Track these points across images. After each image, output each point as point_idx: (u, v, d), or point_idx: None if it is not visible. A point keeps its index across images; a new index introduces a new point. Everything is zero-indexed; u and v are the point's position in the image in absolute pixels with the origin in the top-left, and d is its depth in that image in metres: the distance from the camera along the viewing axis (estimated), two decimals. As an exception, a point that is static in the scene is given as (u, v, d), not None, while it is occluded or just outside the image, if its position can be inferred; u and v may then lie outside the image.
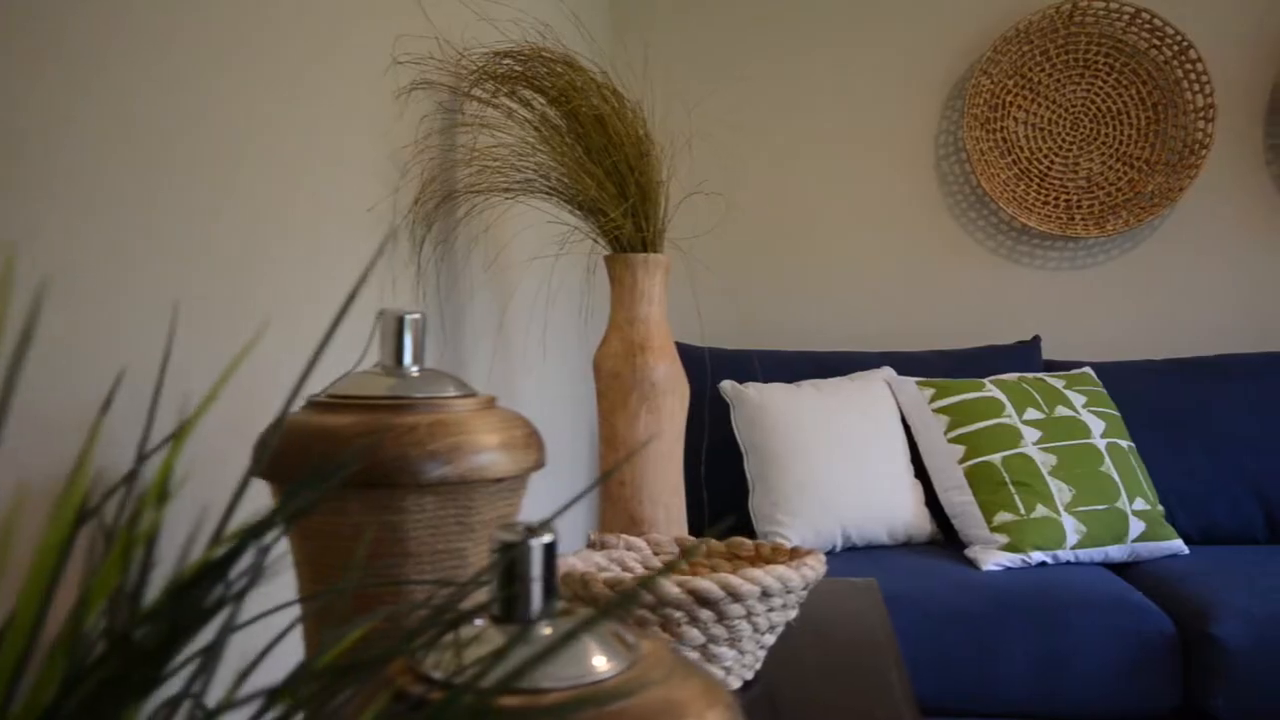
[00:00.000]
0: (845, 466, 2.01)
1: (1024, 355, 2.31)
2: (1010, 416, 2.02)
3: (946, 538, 2.07)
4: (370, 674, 0.31)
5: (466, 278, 1.35)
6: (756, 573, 0.91)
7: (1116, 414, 2.10)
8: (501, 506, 0.58)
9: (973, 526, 1.94)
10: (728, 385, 2.11)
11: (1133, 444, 2.07)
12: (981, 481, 1.96)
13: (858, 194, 2.57)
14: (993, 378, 2.12)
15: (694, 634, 0.91)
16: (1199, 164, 2.38)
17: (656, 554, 1.14)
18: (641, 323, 1.23)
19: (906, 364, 2.30)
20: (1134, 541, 1.93)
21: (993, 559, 1.86)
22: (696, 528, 2.22)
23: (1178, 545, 1.97)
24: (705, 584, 0.89)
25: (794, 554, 1.07)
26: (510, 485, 0.58)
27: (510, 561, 0.37)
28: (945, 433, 2.04)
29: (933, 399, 2.08)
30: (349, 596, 0.56)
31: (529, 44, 1.29)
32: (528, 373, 1.55)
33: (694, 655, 0.92)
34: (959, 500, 1.98)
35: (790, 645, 1.08)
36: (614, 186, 1.22)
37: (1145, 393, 2.21)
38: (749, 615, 0.92)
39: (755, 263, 2.60)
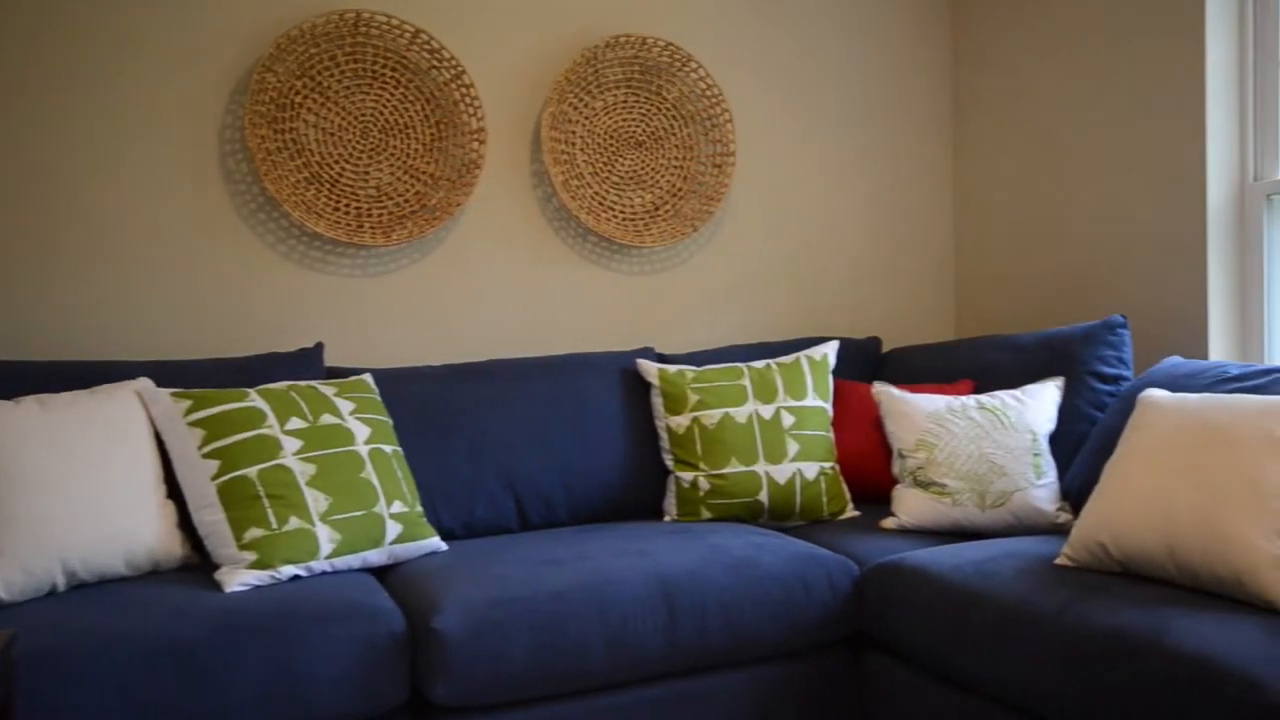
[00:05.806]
0: (74, 492, 1.75)
1: (306, 362, 2.26)
2: (271, 427, 1.93)
3: (205, 561, 1.92)
4: None
5: None
6: None
7: (386, 420, 2.13)
8: None
9: (223, 546, 1.82)
10: (-83, 404, 1.72)
11: (399, 449, 2.12)
12: (235, 498, 1.84)
13: (121, 185, 2.29)
14: (259, 387, 2.02)
15: None
16: (474, 182, 2.54)
17: None
18: None
19: (178, 374, 2.11)
20: (392, 544, 1.97)
21: (239, 579, 1.76)
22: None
23: (435, 543, 2.05)
24: None
25: None
26: None
27: None
28: (199, 447, 1.89)
29: (188, 411, 1.92)
30: None
31: None
32: None
33: None
34: (210, 519, 1.84)
35: None
36: None
37: (421, 398, 2.29)
38: None
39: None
